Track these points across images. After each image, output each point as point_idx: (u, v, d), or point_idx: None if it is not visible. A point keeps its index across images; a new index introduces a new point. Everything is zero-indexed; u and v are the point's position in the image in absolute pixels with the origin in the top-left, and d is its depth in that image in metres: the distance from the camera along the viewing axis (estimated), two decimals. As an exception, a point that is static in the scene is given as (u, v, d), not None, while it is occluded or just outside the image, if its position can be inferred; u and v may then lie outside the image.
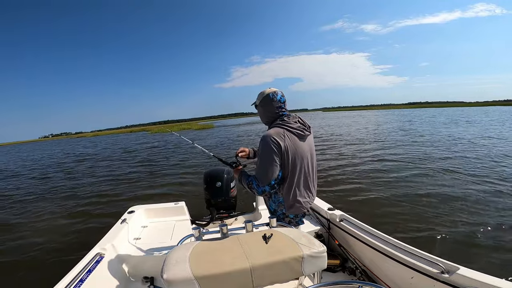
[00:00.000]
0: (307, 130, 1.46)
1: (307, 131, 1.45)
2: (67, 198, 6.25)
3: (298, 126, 1.43)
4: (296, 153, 1.39)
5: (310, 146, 1.50)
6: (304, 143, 1.44)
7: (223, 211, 2.61)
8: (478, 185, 4.72)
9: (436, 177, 5.38)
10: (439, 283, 1.23)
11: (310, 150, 1.49)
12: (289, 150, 1.36)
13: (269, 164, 1.33)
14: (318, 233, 2.10)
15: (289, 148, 1.36)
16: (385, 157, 7.84)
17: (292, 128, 1.40)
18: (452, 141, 10.24)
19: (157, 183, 6.90)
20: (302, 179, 1.45)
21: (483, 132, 12.88)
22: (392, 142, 10.92)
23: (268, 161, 1.33)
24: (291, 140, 1.37)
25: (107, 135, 55.48)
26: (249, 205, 2.96)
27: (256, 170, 1.40)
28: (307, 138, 1.47)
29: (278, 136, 1.35)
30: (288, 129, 1.39)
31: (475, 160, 6.76)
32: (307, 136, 1.47)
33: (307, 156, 1.46)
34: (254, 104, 1.61)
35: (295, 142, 1.38)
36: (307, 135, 1.45)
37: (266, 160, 1.34)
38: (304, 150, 1.43)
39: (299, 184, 1.44)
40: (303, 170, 1.44)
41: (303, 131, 1.43)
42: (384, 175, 5.89)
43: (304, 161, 1.43)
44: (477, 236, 3.01)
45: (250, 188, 1.43)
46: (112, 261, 1.71)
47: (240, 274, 0.91)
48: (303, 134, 1.42)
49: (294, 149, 1.38)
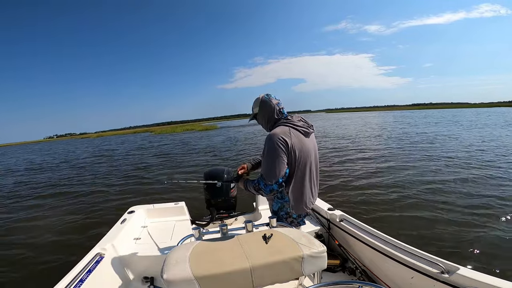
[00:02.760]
0: (311, 129, 1.47)
1: (311, 129, 1.46)
2: (67, 198, 6.26)
3: (303, 124, 1.44)
4: (302, 151, 1.39)
5: (314, 146, 1.51)
6: (309, 142, 1.44)
7: (223, 211, 2.61)
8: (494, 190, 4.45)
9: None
10: (439, 283, 1.23)
11: (314, 149, 1.50)
12: (295, 148, 1.35)
13: (277, 162, 1.32)
14: (318, 233, 2.10)
15: (296, 146, 1.35)
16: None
17: (297, 126, 1.40)
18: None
19: (157, 183, 6.91)
20: (307, 178, 1.45)
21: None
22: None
23: (276, 159, 1.32)
24: (297, 137, 1.37)
25: (114, 136, 54.92)
26: (249, 205, 2.96)
27: (262, 170, 1.38)
28: (311, 136, 1.48)
29: (284, 134, 1.34)
30: (293, 127, 1.39)
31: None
32: (311, 134, 1.47)
33: (311, 155, 1.46)
34: (252, 115, 1.58)
35: (301, 140, 1.39)
36: (311, 133, 1.46)
37: (273, 158, 1.32)
38: (309, 149, 1.43)
39: (304, 183, 1.45)
40: (308, 168, 1.44)
41: (308, 129, 1.43)
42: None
43: (309, 160, 1.44)
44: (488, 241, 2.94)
45: (257, 190, 1.40)
46: (112, 261, 1.71)
47: (240, 274, 0.91)
48: (308, 132, 1.43)
49: (300, 147, 1.37)
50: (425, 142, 10.75)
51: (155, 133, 40.59)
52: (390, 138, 13.04)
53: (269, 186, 1.34)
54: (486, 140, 10.30)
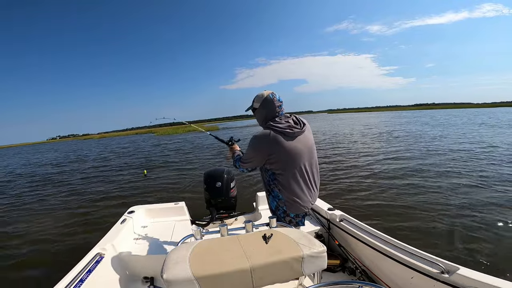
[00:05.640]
0: (298, 128, 1.46)
1: (297, 129, 1.45)
2: (68, 198, 6.26)
3: (288, 125, 1.44)
4: (285, 151, 1.41)
5: (307, 145, 1.49)
6: (295, 142, 1.44)
7: (223, 211, 2.61)
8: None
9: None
10: (439, 283, 1.23)
11: (307, 148, 1.49)
12: (277, 150, 1.41)
13: (250, 159, 1.54)
14: (318, 233, 2.10)
15: (277, 148, 1.41)
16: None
17: (280, 128, 1.43)
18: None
19: (158, 183, 6.91)
20: (299, 177, 1.46)
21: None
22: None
23: (250, 157, 1.53)
24: (277, 139, 1.40)
25: (118, 137, 54.49)
26: (249, 205, 2.97)
27: (242, 157, 1.62)
28: (301, 136, 1.46)
29: (264, 137, 1.43)
30: (275, 129, 1.42)
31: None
32: (300, 134, 1.46)
33: (303, 155, 1.45)
34: (251, 108, 1.63)
35: (281, 141, 1.41)
36: (297, 133, 1.45)
37: (250, 155, 1.54)
38: (297, 148, 1.43)
39: (297, 181, 1.45)
40: (299, 168, 1.45)
41: (292, 129, 1.43)
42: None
43: (299, 160, 1.44)
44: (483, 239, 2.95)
45: (234, 164, 1.69)
46: (112, 261, 1.71)
47: (240, 274, 0.91)
48: (291, 132, 1.43)
49: (282, 147, 1.40)
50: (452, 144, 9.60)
51: (158, 134, 40.41)
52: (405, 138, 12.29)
53: (241, 168, 1.63)
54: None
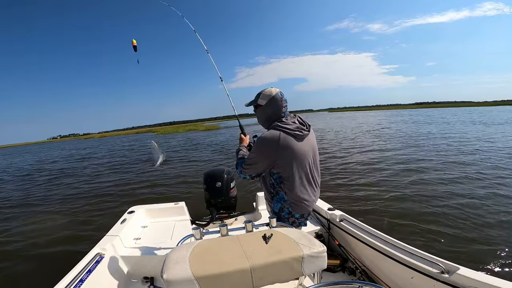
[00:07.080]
0: (306, 130, 1.46)
1: (305, 130, 1.45)
2: (68, 197, 6.26)
3: (296, 126, 1.42)
4: (296, 154, 1.39)
5: (312, 146, 1.50)
6: (304, 143, 1.44)
7: (223, 211, 2.61)
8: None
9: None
10: (439, 283, 1.23)
11: (312, 149, 1.49)
12: (286, 152, 1.38)
13: (255, 163, 1.43)
14: (318, 233, 2.10)
15: (286, 150, 1.37)
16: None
17: (290, 129, 1.40)
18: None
19: (158, 183, 6.91)
20: (304, 179, 1.46)
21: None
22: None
23: (256, 162, 1.42)
24: (288, 142, 1.37)
25: (116, 136, 54.20)
26: (249, 205, 2.96)
27: (246, 159, 1.48)
28: (307, 137, 1.47)
29: (273, 139, 1.37)
30: (285, 131, 1.39)
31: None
32: (307, 136, 1.46)
33: (309, 156, 1.46)
34: (254, 104, 1.54)
35: (293, 144, 1.39)
36: (305, 135, 1.45)
37: (255, 160, 1.43)
38: (304, 150, 1.43)
39: (302, 182, 1.45)
40: (306, 169, 1.45)
41: (301, 131, 1.42)
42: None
43: (305, 161, 1.44)
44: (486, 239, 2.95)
45: (235, 167, 1.56)
46: (112, 261, 1.71)
47: (240, 274, 0.91)
48: (301, 134, 1.42)
49: (292, 150, 1.38)
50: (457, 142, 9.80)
51: (158, 133, 40.29)
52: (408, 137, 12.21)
53: (242, 174, 1.49)
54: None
